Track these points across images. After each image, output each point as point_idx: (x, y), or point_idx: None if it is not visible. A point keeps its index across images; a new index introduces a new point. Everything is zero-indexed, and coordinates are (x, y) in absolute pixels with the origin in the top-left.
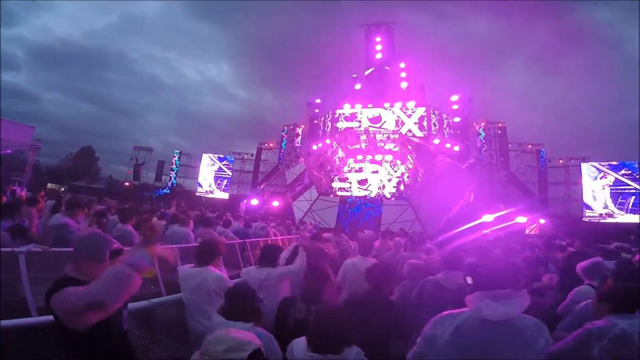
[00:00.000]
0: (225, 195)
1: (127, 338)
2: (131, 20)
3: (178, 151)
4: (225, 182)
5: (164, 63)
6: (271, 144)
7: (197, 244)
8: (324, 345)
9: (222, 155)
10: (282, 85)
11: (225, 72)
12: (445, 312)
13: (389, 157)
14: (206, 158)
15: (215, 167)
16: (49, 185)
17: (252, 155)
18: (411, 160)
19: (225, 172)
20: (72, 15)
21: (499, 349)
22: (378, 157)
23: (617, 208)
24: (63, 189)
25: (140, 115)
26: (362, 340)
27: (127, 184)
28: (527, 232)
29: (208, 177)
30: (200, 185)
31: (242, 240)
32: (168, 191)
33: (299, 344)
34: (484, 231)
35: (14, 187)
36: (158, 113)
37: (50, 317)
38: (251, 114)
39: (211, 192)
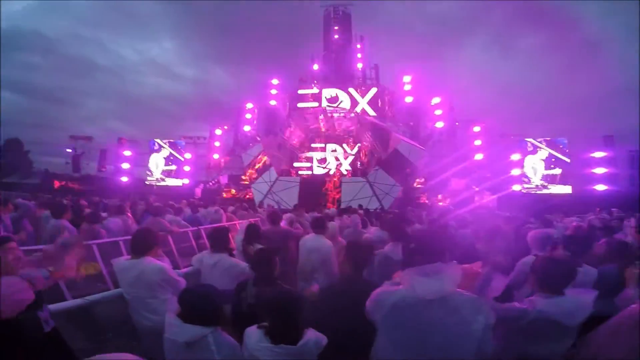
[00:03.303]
0: (178, 182)
1: (54, 339)
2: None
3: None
4: (176, 168)
5: (96, 43)
6: (225, 126)
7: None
8: (278, 334)
9: (172, 140)
10: (235, 62)
11: (168, 50)
12: (381, 289)
13: (345, 136)
14: (154, 144)
15: (166, 153)
16: None
17: (204, 138)
18: (366, 138)
19: (176, 157)
20: None
21: (436, 328)
22: (335, 138)
23: (550, 180)
24: None
25: (73, 101)
26: (348, 323)
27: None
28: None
29: (158, 164)
30: (150, 173)
31: (196, 228)
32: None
33: (251, 333)
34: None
35: None
36: (94, 98)
37: None
38: (201, 94)
39: (162, 180)
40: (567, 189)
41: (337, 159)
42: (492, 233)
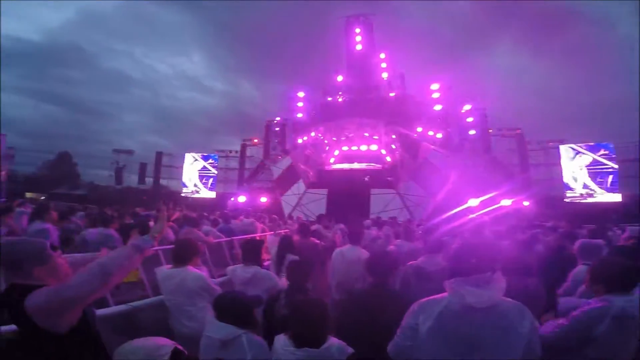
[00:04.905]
0: (211, 194)
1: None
2: (89, 15)
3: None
4: (210, 180)
5: (129, 57)
6: (255, 140)
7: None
8: (301, 338)
9: (205, 154)
10: (261, 75)
11: (198, 63)
12: (426, 299)
13: (373, 147)
14: (189, 157)
15: (200, 166)
16: (28, 194)
17: (236, 152)
18: (396, 149)
19: (210, 170)
20: (23, 14)
21: (484, 335)
22: (363, 147)
23: (597, 186)
24: (43, 197)
25: (112, 115)
26: (371, 333)
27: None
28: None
29: (192, 177)
30: (184, 186)
31: (230, 238)
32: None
33: (279, 339)
34: (470, 215)
35: None
36: (131, 112)
37: None
38: (232, 107)
39: (197, 192)
40: (616, 197)
41: (365, 170)
42: (529, 243)
